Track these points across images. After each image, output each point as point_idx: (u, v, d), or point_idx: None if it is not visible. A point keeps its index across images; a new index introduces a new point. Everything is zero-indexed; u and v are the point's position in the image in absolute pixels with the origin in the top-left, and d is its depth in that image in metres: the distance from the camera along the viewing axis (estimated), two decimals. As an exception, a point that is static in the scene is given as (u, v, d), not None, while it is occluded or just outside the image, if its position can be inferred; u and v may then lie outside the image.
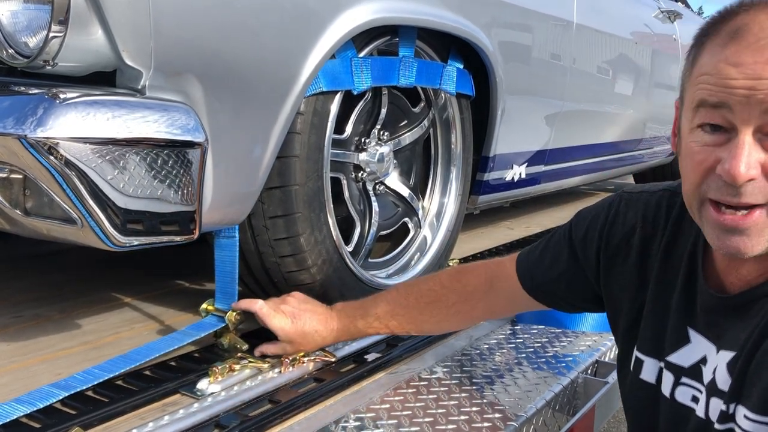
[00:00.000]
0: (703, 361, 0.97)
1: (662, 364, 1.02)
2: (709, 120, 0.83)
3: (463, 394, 1.33)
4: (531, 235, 2.86)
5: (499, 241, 2.71)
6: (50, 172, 1.04)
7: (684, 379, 0.99)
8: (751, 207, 0.83)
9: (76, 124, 1.03)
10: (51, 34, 1.04)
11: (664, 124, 3.81)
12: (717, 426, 0.92)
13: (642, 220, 1.06)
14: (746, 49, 0.80)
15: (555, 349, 1.61)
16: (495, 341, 1.64)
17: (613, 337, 1.68)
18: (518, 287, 1.24)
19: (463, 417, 1.25)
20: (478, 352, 1.56)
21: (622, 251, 1.08)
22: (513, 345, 1.62)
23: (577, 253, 1.16)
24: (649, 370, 1.04)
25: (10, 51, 1.12)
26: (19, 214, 1.14)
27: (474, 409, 1.28)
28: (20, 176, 1.11)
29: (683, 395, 0.99)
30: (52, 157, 1.02)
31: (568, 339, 1.68)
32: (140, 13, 1.07)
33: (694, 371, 0.98)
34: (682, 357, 0.99)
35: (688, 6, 4.41)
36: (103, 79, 1.15)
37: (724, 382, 0.92)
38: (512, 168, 2.32)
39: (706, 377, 0.96)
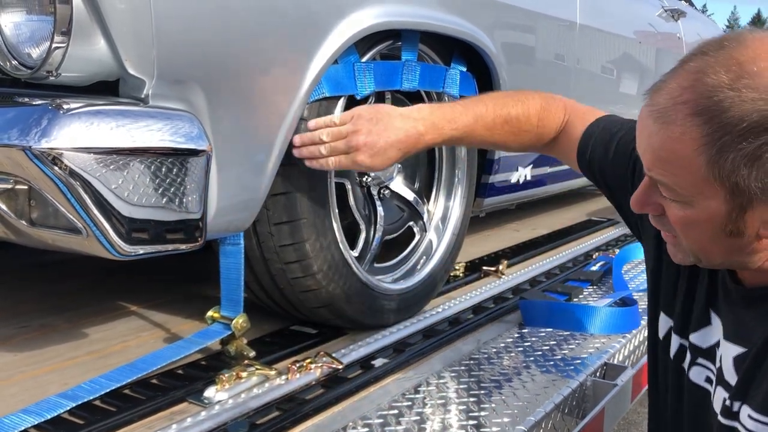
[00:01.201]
0: (718, 344, 0.99)
1: (685, 342, 1.04)
2: None
3: (472, 399, 1.33)
4: (537, 237, 2.86)
5: (506, 243, 2.70)
6: (55, 182, 1.04)
7: (700, 360, 1.01)
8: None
9: (80, 134, 1.03)
10: (54, 45, 1.04)
11: (669, 124, 3.79)
12: (721, 419, 0.93)
13: None
14: None
15: (563, 352, 1.60)
16: (503, 345, 1.63)
17: (621, 340, 1.68)
18: (574, 150, 1.29)
19: (471, 422, 1.24)
20: (486, 356, 1.56)
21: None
22: (521, 348, 1.61)
23: (636, 168, 1.13)
24: (674, 346, 1.06)
25: (14, 62, 1.12)
26: (24, 225, 1.14)
27: (483, 413, 1.27)
28: (25, 187, 1.11)
29: (697, 375, 1.01)
30: (56, 168, 1.02)
31: (577, 342, 1.67)
32: (142, 23, 1.07)
33: (710, 353, 1.00)
34: (702, 338, 1.01)
35: (691, 4, 4.40)
36: (107, 88, 1.15)
37: (730, 375, 0.93)
38: (517, 170, 2.31)
39: (718, 362, 0.98)
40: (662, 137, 0.84)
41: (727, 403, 0.92)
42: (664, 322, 1.09)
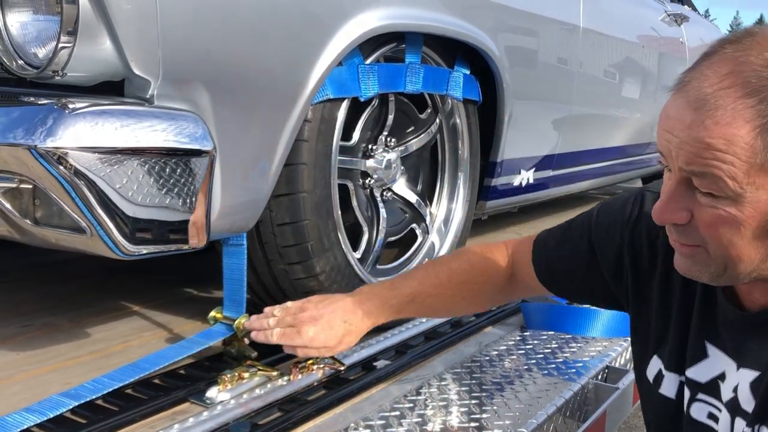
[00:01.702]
0: (722, 377, 0.94)
1: (682, 379, 1.00)
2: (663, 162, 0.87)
3: (473, 401, 1.33)
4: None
5: (508, 246, 2.70)
6: (60, 181, 1.04)
7: (700, 395, 0.97)
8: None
9: (85, 133, 1.04)
10: (60, 45, 1.05)
11: (671, 128, 3.79)
12: None
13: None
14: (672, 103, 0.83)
15: (565, 354, 1.60)
16: (504, 347, 1.63)
17: (623, 343, 1.68)
18: (532, 275, 1.21)
19: (473, 424, 1.24)
20: (487, 358, 1.56)
21: (645, 257, 1.05)
22: (522, 351, 1.61)
23: (595, 247, 1.12)
24: (669, 385, 1.01)
25: (20, 62, 1.13)
26: (28, 224, 1.15)
27: (485, 416, 1.27)
28: (30, 186, 1.11)
29: (699, 412, 0.97)
30: (61, 167, 1.02)
31: (578, 345, 1.67)
32: (148, 23, 1.08)
33: (711, 387, 0.95)
34: (700, 372, 0.97)
35: (694, 9, 4.40)
36: (112, 88, 1.16)
37: (747, 402, 0.89)
38: (520, 173, 2.32)
39: (725, 395, 0.93)
40: (708, 125, 0.78)
41: (747, 430, 0.88)
42: (655, 364, 1.05)
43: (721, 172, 0.78)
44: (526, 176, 2.35)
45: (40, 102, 1.08)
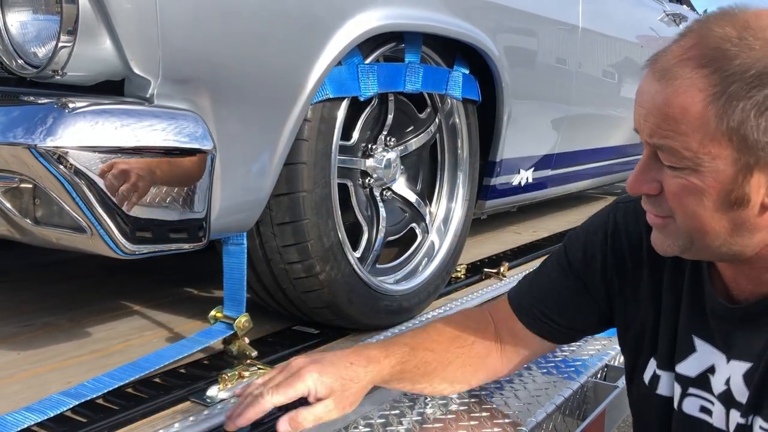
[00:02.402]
0: (711, 370, 0.95)
1: (672, 375, 1.00)
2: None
3: (473, 400, 1.33)
4: (538, 240, 2.86)
5: (507, 245, 2.71)
6: (60, 180, 1.04)
7: (691, 390, 0.98)
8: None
9: (85, 133, 1.04)
10: (60, 44, 1.05)
11: (670, 127, 3.79)
12: None
13: (646, 229, 1.00)
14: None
15: (564, 353, 1.60)
16: (504, 346, 1.63)
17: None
18: (521, 327, 1.16)
19: (473, 422, 1.24)
20: (487, 357, 1.56)
21: (629, 263, 1.05)
22: (522, 350, 1.61)
23: (578, 273, 1.11)
24: (665, 384, 1.02)
25: (20, 61, 1.13)
26: (29, 223, 1.15)
27: (484, 414, 1.27)
28: (30, 185, 1.11)
29: (690, 407, 0.98)
30: (61, 166, 1.03)
31: (577, 343, 1.68)
32: (148, 23, 1.08)
33: (702, 381, 0.96)
34: (689, 367, 0.98)
35: (693, 9, 4.41)
36: (112, 88, 1.16)
37: (741, 393, 0.90)
38: (519, 173, 2.32)
39: (717, 387, 0.94)
40: (668, 94, 0.81)
41: (741, 421, 0.89)
42: (651, 367, 1.05)
43: (677, 144, 0.81)
44: (525, 176, 2.36)
45: (40, 101, 1.08)
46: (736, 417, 0.91)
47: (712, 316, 0.95)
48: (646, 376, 1.05)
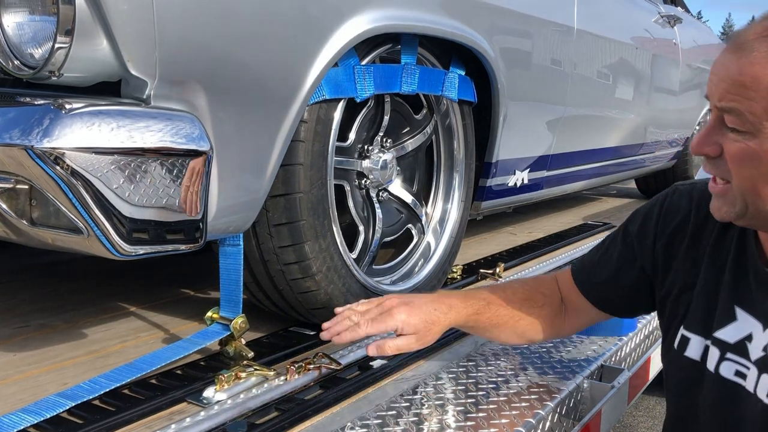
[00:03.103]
0: (749, 338, 1.02)
1: (708, 342, 1.07)
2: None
3: (470, 400, 1.33)
4: (534, 241, 2.87)
5: (503, 246, 2.71)
6: (56, 182, 1.04)
7: (729, 355, 1.04)
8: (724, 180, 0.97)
9: (81, 134, 1.04)
10: (56, 45, 1.05)
11: (665, 129, 3.81)
12: (766, 401, 0.98)
13: (696, 207, 1.12)
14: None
15: (560, 354, 1.61)
16: (500, 346, 1.64)
17: (618, 342, 1.69)
18: (581, 298, 1.28)
19: (470, 423, 1.25)
20: (483, 357, 1.56)
21: (677, 238, 1.14)
22: (518, 350, 1.62)
23: (634, 248, 1.20)
24: (694, 347, 1.09)
25: (16, 62, 1.13)
26: (25, 224, 1.15)
27: (480, 414, 1.28)
28: (26, 186, 1.11)
29: (727, 370, 1.05)
30: (58, 167, 1.03)
31: (573, 344, 1.68)
32: (145, 24, 1.08)
33: (739, 347, 1.03)
34: (728, 333, 1.05)
35: (687, 10, 4.43)
36: (109, 89, 1.16)
37: None
38: (515, 174, 2.32)
39: (754, 354, 1.01)
40: (742, 63, 0.89)
41: None
42: (681, 332, 1.13)
43: (743, 107, 0.89)
44: (520, 177, 2.36)
45: (36, 102, 1.08)
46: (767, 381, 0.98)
47: (756, 285, 1.02)
48: (676, 341, 1.13)
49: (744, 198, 0.94)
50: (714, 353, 1.07)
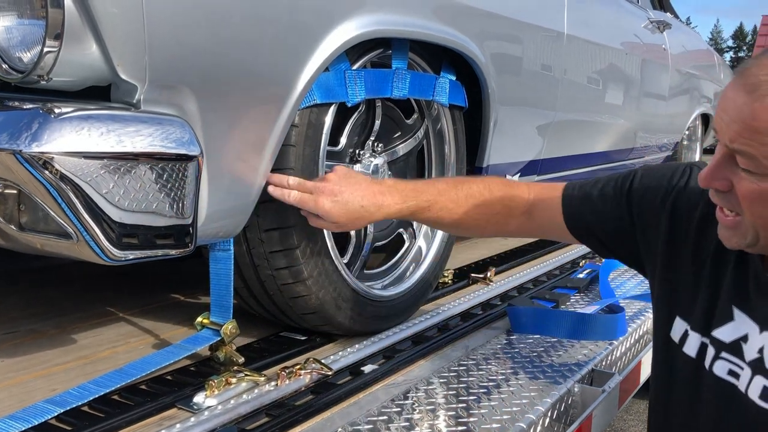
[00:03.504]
0: (744, 338, 1.03)
1: (706, 340, 1.08)
2: None
3: (461, 405, 1.33)
4: (525, 245, 2.87)
5: (494, 251, 2.72)
6: (45, 186, 1.03)
7: (723, 354, 1.06)
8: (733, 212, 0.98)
9: (71, 138, 1.03)
10: (45, 49, 1.04)
11: (654, 133, 3.83)
12: (760, 403, 0.99)
13: (706, 199, 1.10)
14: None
15: (551, 358, 1.61)
16: (491, 351, 1.64)
17: (608, 346, 1.70)
18: (560, 221, 1.30)
19: (461, 428, 1.25)
20: (474, 362, 1.56)
21: (681, 225, 1.14)
22: (509, 355, 1.62)
23: (632, 206, 1.20)
24: (692, 344, 1.10)
25: (4, 66, 1.12)
26: (13, 229, 1.14)
27: (472, 419, 1.28)
28: (15, 191, 1.11)
29: (720, 369, 1.06)
30: (47, 172, 1.02)
31: (564, 348, 1.68)
32: (135, 28, 1.07)
33: (734, 347, 1.04)
34: (725, 333, 1.06)
35: (676, 16, 4.46)
36: (98, 93, 1.15)
37: None
38: (506, 178, 2.33)
39: (749, 355, 1.02)
40: (755, 107, 0.87)
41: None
42: (680, 325, 1.14)
43: (757, 152, 0.89)
44: (511, 181, 2.37)
45: (25, 107, 1.07)
46: (762, 382, 0.99)
47: (754, 288, 1.03)
48: (676, 334, 1.13)
49: (756, 231, 0.95)
50: (710, 351, 1.08)
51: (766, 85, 0.87)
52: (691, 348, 1.11)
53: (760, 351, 1.01)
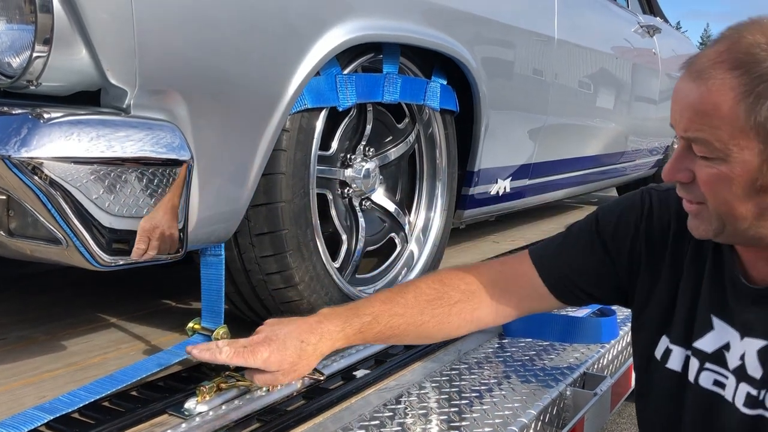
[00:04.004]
0: (726, 347, 1.03)
1: (689, 352, 1.08)
2: None
3: (453, 409, 1.33)
4: (517, 249, 2.88)
5: (486, 254, 2.72)
6: (35, 192, 1.03)
7: (707, 365, 1.05)
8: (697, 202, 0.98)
9: (60, 143, 1.03)
10: (35, 55, 1.04)
11: (645, 137, 3.85)
12: (744, 410, 0.99)
13: (676, 216, 1.12)
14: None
15: (543, 362, 1.61)
16: (483, 355, 1.64)
17: (600, 350, 1.70)
18: (538, 282, 1.22)
19: (453, 432, 1.24)
20: (466, 366, 1.56)
21: (658, 246, 1.14)
22: (501, 359, 1.62)
23: (606, 244, 1.19)
24: (676, 359, 1.10)
25: (-7, 71, 1.12)
26: (2, 235, 1.13)
27: (464, 423, 1.27)
28: (4, 197, 1.10)
29: (706, 380, 1.05)
30: (36, 177, 1.02)
31: (556, 352, 1.69)
32: (124, 33, 1.07)
33: (717, 357, 1.04)
34: (706, 343, 1.06)
35: (666, 21, 4.49)
36: (88, 98, 1.15)
37: (754, 369, 0.98)
38: (497, 182, 2.34)
39: (732, 363, 1.02)
40: (701, 92, 0.90)
41: (753, 393, 0.98)
42: (663, 342, 1.13)
43: (709, 136, 0.90)
44: (502, 185, 2.37)
45: (14, 112, 1.06)
46: (746, 389, 0.99)
47: (732, 295, 1.03)
48: (658, 352, 1.13)
49: (720, 218, 0.96)
50: (694, 364, 1.07)
51: (709, 69, 0.90)
52: (674, 363, 1.10)
53: (741, 358, 1.01)
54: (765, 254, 0.99)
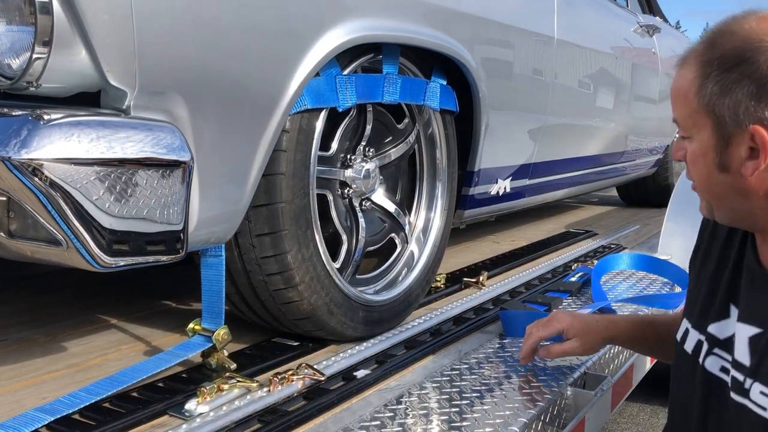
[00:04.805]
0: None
1: (702, 336, 1.10)
2: None
3: (454, 409, 1.33)
4: (517, 249, 2.88)
5: (486, 255, 2.72)
6: (35, 193, 1.03)
7: (716, 350, 1.07)
8: None
9: (60, 145, 1.03)
10: (34, 56, 1.04)
11: (645, 137, 3.85)
12: (733, 396, 1.00)
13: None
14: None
15: (544, 361, 1.61)
16: (484, 355, 1.64)
17: (600, 350, 1.70)
18: None
19: (453, 432, 1.24)
20: (467, 366, 1.56)
21: (702, 242, 1.20)
22: (502, 359, 1.62)
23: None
24: (691, 340, 1.13)
25: (-7, 73, 1.12)
26: (3, 237, 1.13)
27: (465, 423, 1.27)
28: (4, 198, 1.10)
29: (712, 365, 1.07)
30: (36, 179, 1.01)
31: (557, 351, 1.68)
32: (124, 34, 1.07)
33: (727, 344, 1.05)
34: (720, 329, 1.08)
35: (666, 20, 4.49)
36: (88, 99, 1.15)
37: (743, 355, 1.00)
38: (497, 182, 2.34)
39: (735, 351, 1.03)
40: (676, 79, 1.01)
41: (740, 379, 0.99)
42: (684, 324, 1.17)
43: (678, 116, 1.01)
44: (502, 185, 2.37)
45: (14, 113, 1.06)
46: (737, 375, 1.00)
47: (745, 281, 1.05)
48: (680, 334, 1.18)
49: (704, 194, 1.03)
50: (704, 347, 1.09)
51: (688, 59, 0.99)
52: (689, 345, 1.13)
53: (732, 339, 1.03)
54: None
